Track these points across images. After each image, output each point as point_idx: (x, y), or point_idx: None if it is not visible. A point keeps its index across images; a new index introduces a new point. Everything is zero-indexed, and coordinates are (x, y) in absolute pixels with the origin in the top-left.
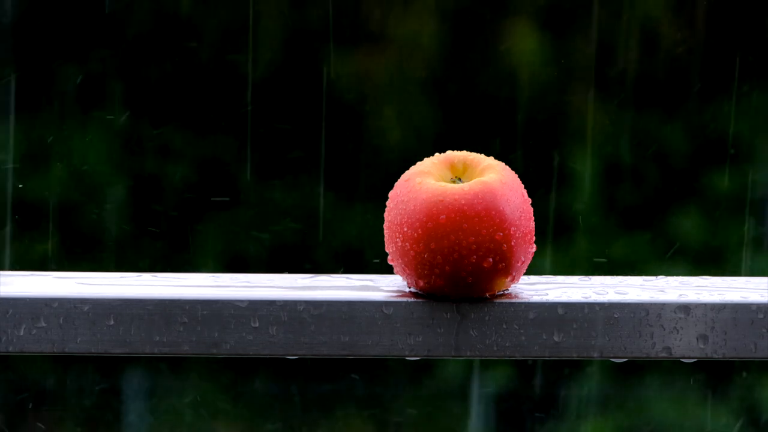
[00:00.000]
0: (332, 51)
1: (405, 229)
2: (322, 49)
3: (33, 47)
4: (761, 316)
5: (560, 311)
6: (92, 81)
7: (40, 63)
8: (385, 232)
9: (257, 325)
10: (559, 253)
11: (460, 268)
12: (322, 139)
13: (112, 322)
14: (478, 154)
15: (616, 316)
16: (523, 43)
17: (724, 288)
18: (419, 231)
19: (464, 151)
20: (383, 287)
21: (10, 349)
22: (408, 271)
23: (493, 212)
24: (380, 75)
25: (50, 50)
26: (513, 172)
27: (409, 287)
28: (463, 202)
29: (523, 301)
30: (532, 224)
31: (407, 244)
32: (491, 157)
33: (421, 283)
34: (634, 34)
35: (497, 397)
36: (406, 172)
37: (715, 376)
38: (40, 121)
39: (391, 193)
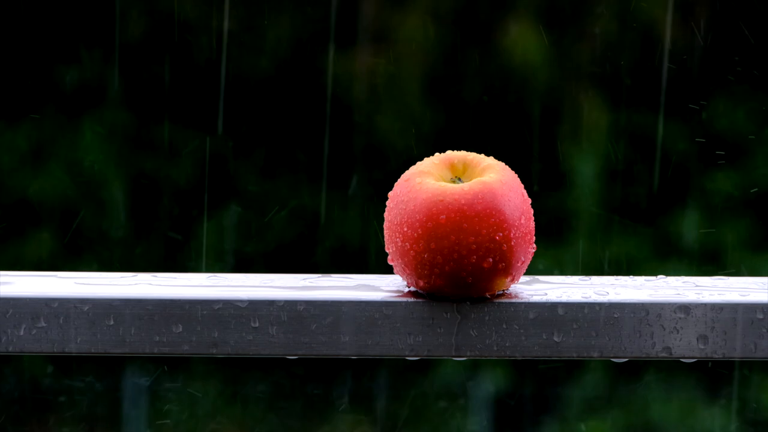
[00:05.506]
0: (332, 51)
1: (405, 229)
2: (322, 49)
3: (33, 47)
4: (761, 316)
5: (560, 311)
6: (92, 81)
7: (41, 63)
8: (385, 232)
9: (257, 325)
10: (560, 253)
11: (460, 268)
12: (322, 138)
13: (111, 322)
14: (478, 154)
15: (616, 316)
16: (523, 43)
17: (724, 288)
18: (419, 231)
19: (464, 151)
20: (383, 287)
21: (10, 349)
22: (408, 271)
23: (493, 212)
24: (380, 75)
25: (50, 50)
26: (513, 172)
27: (409, 287)
28: (463, 202)
29: (523, 301)
30: (532, 224)
31: (407, 244)
32: (491, 157)
33: (421, 283)
34: (634, 34)
35: (496, 396)
36: (406, 172)
37: (715, 376)
38: (40, 121)
39: (391, 193)
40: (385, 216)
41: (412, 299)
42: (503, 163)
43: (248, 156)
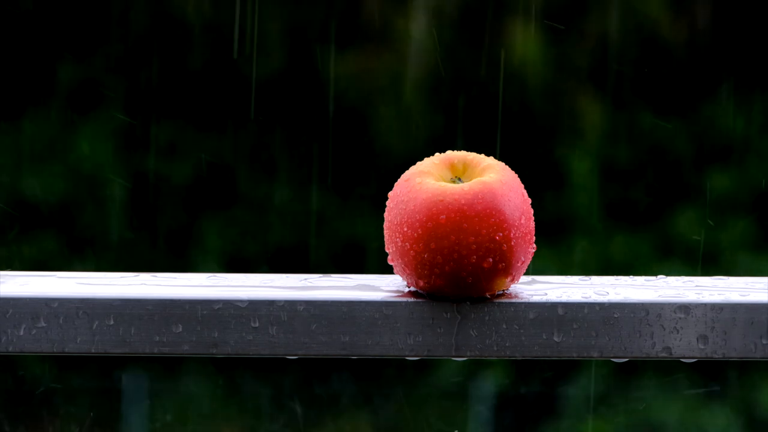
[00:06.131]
0: (332, 51)
1: (405, 229)
2: (322, 49)
3: (33, 47)
4: (761, 316)
5: (560, 311)
6: (92, 81)
7: (41, 63)
8: (385, 232)
9: (257, 325)
10: (559, 253)
11: (460, 268)
12: (322, 139)
13: (112, 322)
14: (478, 154)
15: (616, 316)
16: (523, 43)
17: (724, 288)
18: (419, 231)
19: (464, 151)
20: (383, 287)
21: (10, 349)
22: (408, 271)
23: (493, 212)
24: (380, 75)
25: (50, 50)
26: (513, 172)
27: (409, 287)
28: (463, 202)
29: (523, 301)
30: (532, 224)
31: (407, 244)
32: (491, 157)
33: (421, 283)
34: (634, 34)
35: (496, 396)
36: (406, 172)
37: (715, 376)
38: (40, 120)
39: (391, 193)
40: (385, 216)
41: (412, 299)
42: (503, 163)
43: (248, 156)
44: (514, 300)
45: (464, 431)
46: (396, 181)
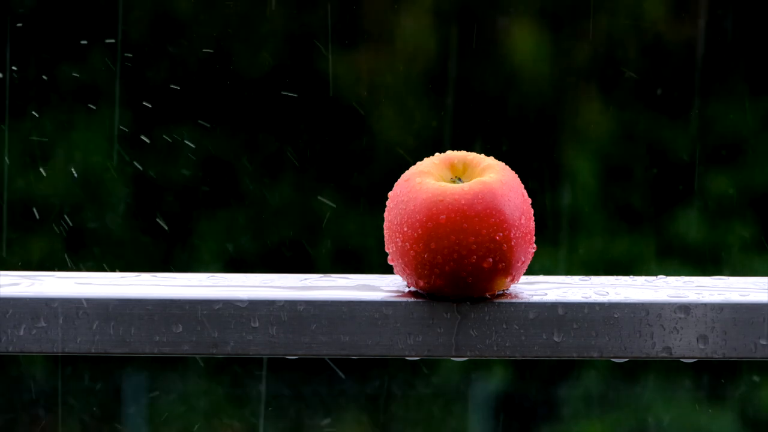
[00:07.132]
0: (332, 51)
1: (405, 229)
2: (322, 49)
3: (33, 46)
4: (761, 316)
5: (560, 311)
6: (92, 80)
7: (41, 63)
8: (385, 232)
9: (257, 325)
10: (560, 253)
11: (460, 268)
12: (322, 138)
13: (112, 322)
14: (478, 154)
15: (616, 316)
16: (523, 43)
17: (724, 288)
18: (419, 231)
19: (464, 151)
20: (383, 287)
21: (10, 349)
22: (408, 271)
23: (493, 212)
24: (380, 75)
25: (50, 49)
26: (513, 172)
27: (409, 287)
28: (463, 202)
29: (523, 301)
30: (532, 224)
31: (407, 244)
32: (491, 157)
33: (421, 283)
34: (634, 34)
35: (496, 396)
36: (406, 172)
37: (715, 376)
38: (40, 120)
39: (391, 193)
40: (385, 216)
41: (412, 299)
42: (503, 163)
43: (248, 156)
44: (514, 300)
45: (464, 431)
46: (396, 181)
